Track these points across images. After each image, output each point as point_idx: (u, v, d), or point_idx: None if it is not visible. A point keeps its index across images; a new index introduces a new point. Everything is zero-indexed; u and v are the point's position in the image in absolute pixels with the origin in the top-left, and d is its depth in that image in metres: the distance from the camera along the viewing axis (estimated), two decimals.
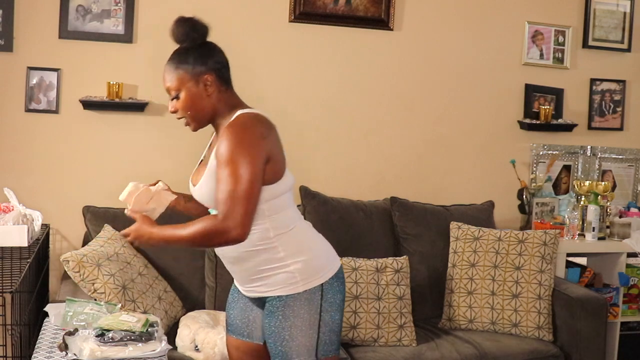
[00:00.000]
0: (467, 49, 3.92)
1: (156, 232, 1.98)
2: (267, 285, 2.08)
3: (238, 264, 2.11)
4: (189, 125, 2.16)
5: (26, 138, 3.30)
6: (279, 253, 2.06)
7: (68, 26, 3.30)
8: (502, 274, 3.24)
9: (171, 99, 2.12)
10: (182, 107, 2.11)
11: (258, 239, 2.04)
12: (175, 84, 2.12)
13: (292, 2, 3.58)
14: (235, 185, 1.87)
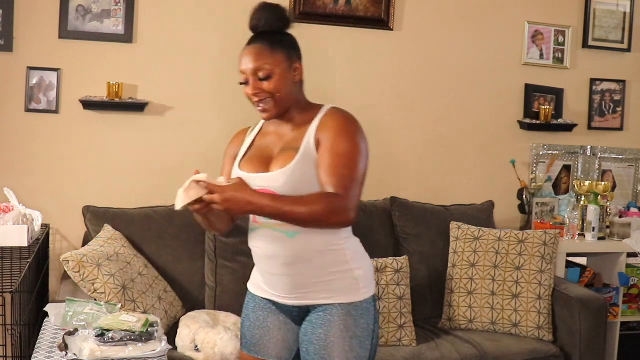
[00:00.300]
0: (467, 49, 3.92)
1: (258, 200, 1.80)
2: (328, 291, 1.97)
3: (300, 265, 1.97)
4: (265, 112, 2.00)
5: (26, 138, 3.31)
6: (346, 256, 1.99)
7: (68, 26, 3.30)
8: (502, 274, 3.24)
9: (258, 79, 1.96)
10: (272, 89, 1.96)
11: (332, 239, 1.98)
12: (270, 64, 1.96)
13: (292, 2, 3.58)
14: (354, 170, 1.88)
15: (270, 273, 2.03)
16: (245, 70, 1.97)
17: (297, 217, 1.82)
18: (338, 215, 1.83)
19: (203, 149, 3.53)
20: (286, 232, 1.94)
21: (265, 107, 1.98)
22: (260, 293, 2.11)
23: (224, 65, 3.54)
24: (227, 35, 3.54)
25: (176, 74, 3.46)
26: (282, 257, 1.97)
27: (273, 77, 1.96)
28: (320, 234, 1.95)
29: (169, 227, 3.18)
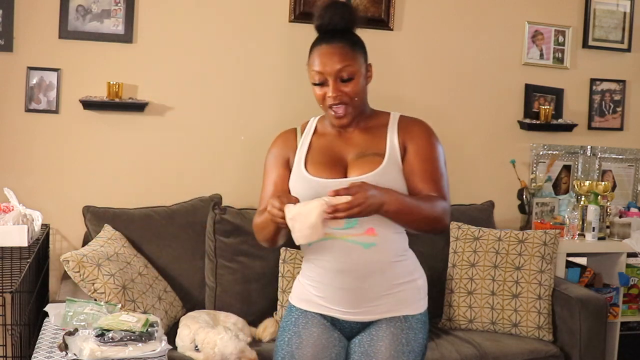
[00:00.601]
0: (467, 49, 3.91)
1: (390, 199, 1.77)
2: (394, 303, 1.93)
3: (372, 277, 1.90)
4: (342, 117, 1.92)
5: (26, 138, 3.30)
6: (410, 266, 1.97)
7: (68, 26, 3.30)
8: (502, 274, 3.24)
9: (341, 80, 1.88)
10: (354, 92, 1.89)
11: (402, 249, 1.96)
12: (353, 65, 1.88)
13: (292, 2, 3.58)
14: (445, 175, 1.93)
15: (338, 287, 1.93)
16: (325, 70, 1.87)
17: (424, 215, 1.82)
18: (447, 218, 1.87)
19: (203, 149, 3.54)
20: (362, 244, 1.89)
21: (342, 111, 1.91)
22: (314, 309, 2.00)
23: (224, 65, 3.54)
24: (227, 35, 3.54)
25: (176, 74, 3.46)
26: (356, 270, 1.90)
27: (355, 79, 1.89)
28: (393, 244, 1.92)
29: (169, 227, 3.18)
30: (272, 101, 3.61)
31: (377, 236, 1.89)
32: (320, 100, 1.93)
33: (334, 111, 1.91)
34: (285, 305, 3.04)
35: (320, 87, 1.91)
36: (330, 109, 1.91)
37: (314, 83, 1.91)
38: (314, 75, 1.91)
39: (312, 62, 1.91)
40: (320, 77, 1.89)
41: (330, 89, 1.87)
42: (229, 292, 3.14)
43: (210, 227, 3.18)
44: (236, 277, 3.15)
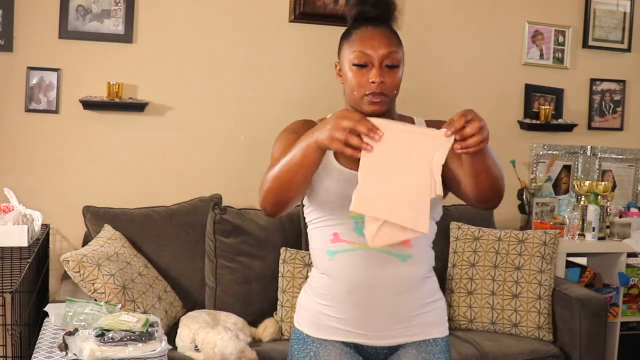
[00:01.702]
0: (467, 49, 3.92)
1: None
2: (422, 325, 1.77)
3: (406, 294, 1.74)
4: (377, 104, 1.71)
5: (26, 138, 3.30)
6: (435, 283, 1.82)
7: (68, 26, 3.30)
8: (502, 274, 3.24)
9: (386, 66, 1.71)
10: (395, 83, 1.73)
11: (431, 263, 1.81)
12: (399, 53, 1.74)
13: (292, 2, 3.58)
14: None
15: (367, 307, 1.72)
16: (371, 53, 1.70)
17: (496, 164, 1.67)
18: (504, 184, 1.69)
19: (203, 149, 3.54)
20: (399, 256, 1.71)
21: (381, 99, 1.71)
22: (334, 336, 1.76)
23: (224, 65, 3.54)
24: (227, 35, 3.54)
25: (176, 74, 3.46)
26: (390, 285, 1.71)
27: (398, 68, 1.74)
28: (426, 258, 1.78)
29: (169, 227, 3.18)
30: (272, 101, 3.61)
31: (413, 247, 1.72)
32: (355, 86, 1.71)
33: (371, 98, 1.70)
34: (285, 305, 3.04)
35: (360, 69, 1.71)
36: (367, 96, 1.71)
37: (355, 64, 1.71)
38: (355, 57, 1.71)
39: (353, 44, 1.72)
40: (362, 59, 1.70)
41: (375, 73, 1.69)
42: (229, 292, 3.14)
43: (210, 227, 3.18)
44: (236, 277, 3.15)
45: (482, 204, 1.69)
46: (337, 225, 1.72)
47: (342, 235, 1.72)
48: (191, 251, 3.19)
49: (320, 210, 1.77)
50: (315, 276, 1.80)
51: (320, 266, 1.78)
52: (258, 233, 3.20)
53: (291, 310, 3.02)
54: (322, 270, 1.77)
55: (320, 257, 1.77)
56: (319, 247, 1.77)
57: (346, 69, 1.74)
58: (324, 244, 1.75)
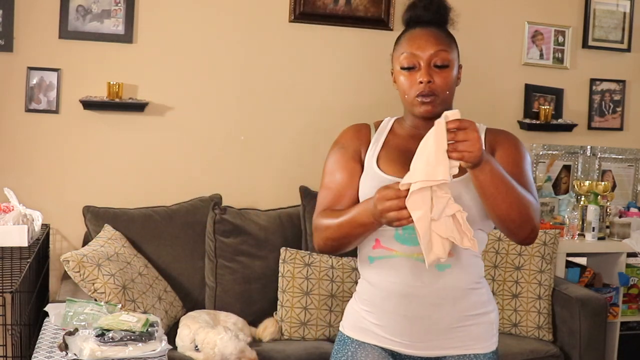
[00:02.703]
0: (467, 49, 3.90)
1: (493, 161, 1.57)
2: (464, 339, 1.70)
3: (445, 306, 1.67)
4: (428, 104, 1.69)
5: (26, 138, 3.31)
6: (484, 295, 1.74)
7: (68, 26, 3.30)
8: (502, 274, 3.24)
9: (434, 66, 1.68)
10: (446, 83, 1.69)
11: (478, 275, 1.73)
12: (450, 52, 1.71)
13: (292, 2, 3.58)
14: (534, 185, 1.74)
15: (402, 315, 1.68)
16: (419, 53, 1.68)
17: (517, 196, 1.58)
18: (538, 217, 1.64)
19: (203, 149, 3.54)
20: (436, 265, 1.62)
21: (431, 100, 1.68)
22: (372, 340, 1.74)
23: (224, 65, 3.54)
24: (227, 35, 3.54)
25: (176, 74, 3.46)
26: (426, 296, 1.66)
27: (449, 68, 1.70)
28: (469, 268, 1.69)
29: (169, 227, 3.18)
30: (272, 101, 3.61)
31: (453, 257, 1.64)
32: (406, 89, 1.71)
33: (421, 101, 1.68)
34: (285, 305, 3.04)
35: (409, 72, 1.70)
36: (417, 98, 1.69)
37: (403, 67, 1.70)
38: (403, 58, 1.70)
39: (401, 46, 1.73)
40: (410, 60, 1.69)
41: (422, 72, 1.67)
42: (229, 292, 3.14)
43: (210, 227, 3.18)
44: (236, 277, 3.15)
45: (509, 234, 1.65)
46: (379, 231, 1.66)
47: (383, 241, 1.69)
48: (191, 251, 3.19)
49: None
50: (360, 282, 1.80)
51: (362, 272, 1.77)
52: (258, 233, 3.20)
53: (291, 310, 3.02)
54: (363, 276, 1.77)
55: (362, 263, 1.77)
56: (362, 252, 1.76)
57: (397, 73, 1.74)
58: (366, 250, 1.74)
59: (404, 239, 1.66)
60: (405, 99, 1.72)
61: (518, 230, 1.61)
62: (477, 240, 1.59)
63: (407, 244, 1.64)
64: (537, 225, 1.64)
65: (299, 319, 3.02)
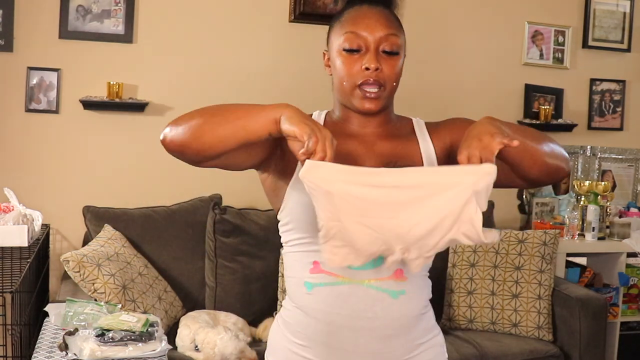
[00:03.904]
0: (467, 49, 3.92)
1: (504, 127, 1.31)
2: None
3: (397, 337, 1.43)
4: (372, 100, 1.43)
5: (26, 138, 3.31)
6: (432, 319, 1.53)
7: (68, 26, 3.30)
8: (502, 273, 3.24)
9: (383, 51, 1.43)
10: (394, 73, 1.44)
11: (427, 297, 1.52)
12: (400, 38, 1.47)
13: (292, 2, 3.58)
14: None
15: (350, 351, 1.41)
16: (366, 35, 1.42)
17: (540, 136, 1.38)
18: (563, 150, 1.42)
19: None
20: (390, 291, 1.40)
21: (375, 93, 1.43)
22: None
23: (224, 65, 3.54)
24: (227, 35, 3.55)
25: (176, 74, 3.47)
26: (379, 327, 1.40)
27: (398, 55, 1.45)
28: (422, 291, 1.48)
29: (169, 227, 3.18)
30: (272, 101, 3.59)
31: (407, 281, 1.42)
32: (345, 74, 1.44)
33: (365, 91, 1.42)
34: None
35: (351, 55, 1.43)
36: (360, 88, 1.42)
37: (346, 49, 1.44)
38: (347, 38, 1.44)
39: (344, 25, 1.46)
40: (356, 42, 1.43)
41: (370, 57, 1.41)
42: (229, 292, 3.14)
43: (210, 227, 3.18)
44: (236, 277, 3.15)
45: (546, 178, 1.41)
46: (319, 253, 1.34)
47: (324, 264, 1.39)
48: (191, 251, 3.19)
49: (298, 229, 1.44)
50: (290, 309, 1.48)
51: (295, 299, 1.46)
52: (258, 233, 3.20)
53: None
54: (297, 304, 1.45)
55: (296, 289, 1.45)
56: (296, 276, 1.45)
57: (335, 55, 1.48)
58: (301, 273, 1.43)
59: None
60: (343, 86, 1.45)
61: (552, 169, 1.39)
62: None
63: (355, 267, 1.35)
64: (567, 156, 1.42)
65: None
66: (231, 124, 1.32)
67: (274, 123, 1.27)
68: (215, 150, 1.32)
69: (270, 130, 1.27)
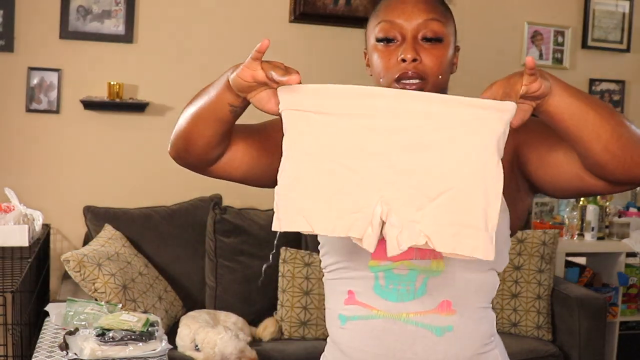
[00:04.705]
0: (466, 49, 3.91)
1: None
2: None
3: None
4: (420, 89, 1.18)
5: (27, 138, 3.31)
6: (498, 357, 1.27)
7: (69, 26, 3.30)
8: (502, 273, 3.24)
9: (424, 39, 1.21)
10: (440, 64, 1.21)
11: (489, 333, 1.26)
12: (446, 24, 1.24)
13: (292, 3, 3.58)
14: None
15: None
16: (402, 22, 1.21)
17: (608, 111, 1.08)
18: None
19: None
20: (433, 328, 1.20)
21: (413, 86, 1.20)
22: None
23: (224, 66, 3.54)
24: (227, 35, 3.55)
25: (176, 74, 3.47)
26: None
27: (444, 43, 1.23)
28: (478, 326, 1.23)
29: (169, 227, 3.19)
30: None
31: (456, 314, 1.20)
32: (381, 69, 1.22)
33: (405, 84, 1.20)
34: (285, 304, 3.05)
35: (387, 46, 1.22)
36: (398, 83, 1.20)
37: (379, 39, 1.22)
38: (382, 28, 1.22)
39: (380, 14, 1.25)
40: (389, 30, 1.21)
41: (406, 47, 1.19)
42: (229, 292, 3.15)
43: (211, 227, 3.19)
44: (236, 276, 3.16)
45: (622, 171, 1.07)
46: (354, 280, 1.23)
47: (359, 295, 1.24)
48: (191, 251, 3.20)
49: (332, 253, 1.29)
50: (329, 344, 1.34)
51: (331, 333, 1.31)
52: (258, 233, 3.21)
53: (291, 310, 3.03)
54: (333, 338, 1.30)
55: (331, 321, 1.30)
56: (331, 307, 1.30)
57: (371, 51, 1.26)
58: (336, 304, 1.28)
59: (387, 292, 1.21)
60: (381, 84, 1.23)
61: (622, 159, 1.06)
62: (487, 283, 1.23)
63: (392, 299, 1.20)
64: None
65: (299, 318, 3.03)
66: (198, 110, 1.20)
67: (226, 90, 1.13)
68: (198, 143, 1.23)
69: (227, 101, 1.13)
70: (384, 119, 1.01)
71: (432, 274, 1.20)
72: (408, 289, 1.20)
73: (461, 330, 1.20)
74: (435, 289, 1.19)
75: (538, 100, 1.07)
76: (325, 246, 1.30)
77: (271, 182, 1.22)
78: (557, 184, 1.18)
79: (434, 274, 1.20)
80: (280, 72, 1.04)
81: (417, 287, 1.19)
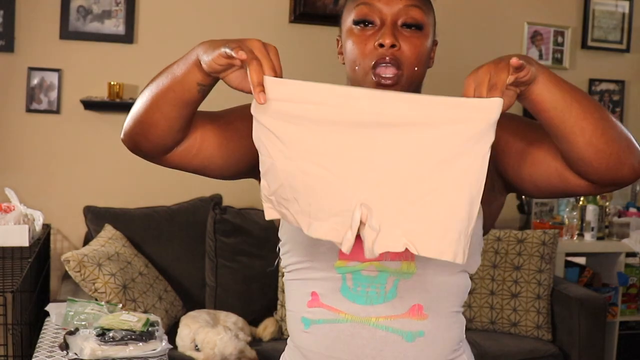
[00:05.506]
0: (466, 50, 3.92)
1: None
2: None
3: None
4: (389, 88, 1.13)
5: (27, 138, 3.31)
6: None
7: (69, 27, 3.31)
8: (502, 273, 3.25)
9: (403, 25, 1.17)
10: (418, 53, 1.18)
11: (458, 338, 1.27)
12: (426, 13, 1.25)
13: (292, 3, 3.59)
14: None
15: None
16: (381, 7, 1.15)
17: (593, 103, 1.08)
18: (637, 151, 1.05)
19: None
20: (404, 333, 1.14)
21: (391, 78, 1.13)
22: None
23: None
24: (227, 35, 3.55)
25: None
26: None
27: (424, 31, 1.21)
28: (448, 332, 1.22)
29: (169, 227, 3.19)
30: None
31: (427, 319, 1.16)
32: (357, 55, 1.15)
33: (380, 77, 1.13)
34: (285, 304, 3.05)
35: (363, 30, 1.15)
36: (373, 73, 1.13)
37: (356, 21, 1.16)
38: (359, 11, 1.16)
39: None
40: (368, 13, 1.15)
41: (385, 31, 1.13)
42: (229, 292, 3.15)
43: (211, 227, 3.19)
44: (236, 276, 3.16)
45: (605, 168, 1.02)
46: (318, 282, 1.16)
47: (323, 297, 1.16)
48: (191, 251, 3.20)
49: (295, 252, 1.21)
50: (290, 348, 1.25)
51: (294, 337, 1.23)
52: (258, 233, 3.21)
53: None
54: (295, 343, 1.22)
55: (294, 325, 1.21)
56: (293, 309, 1.22)
57: (346, 37, 1.19)
58: (299, 307, 1.20)
59: (355, 294, 1.14)
60: (355, 73, 1.16)
61: (612, 153, 1.02)
62: (459, 286, 1.24)
63: (360, 302, 1.13)
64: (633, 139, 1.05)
65: None
66: (160, 90, 1.08)
67: (196, 70, 1.05)
68: (160, 127, 1.09)
69: (196, 80, 1.06)
70: (367, 120, 0.97)
71: (402, 276, 1.14)
72: (378, 291, 1.13)
73: (432, 336, 1.16)
74: (406, 292, 1.14)
75: (523, 87, 1.02)
76: (287, 244, 1.23)
77: (232, 173, 1.20)
78: (536, 182, 1.13)
79: (404, 276, 1.14)
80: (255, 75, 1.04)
81: (387, 289, 1.13)
